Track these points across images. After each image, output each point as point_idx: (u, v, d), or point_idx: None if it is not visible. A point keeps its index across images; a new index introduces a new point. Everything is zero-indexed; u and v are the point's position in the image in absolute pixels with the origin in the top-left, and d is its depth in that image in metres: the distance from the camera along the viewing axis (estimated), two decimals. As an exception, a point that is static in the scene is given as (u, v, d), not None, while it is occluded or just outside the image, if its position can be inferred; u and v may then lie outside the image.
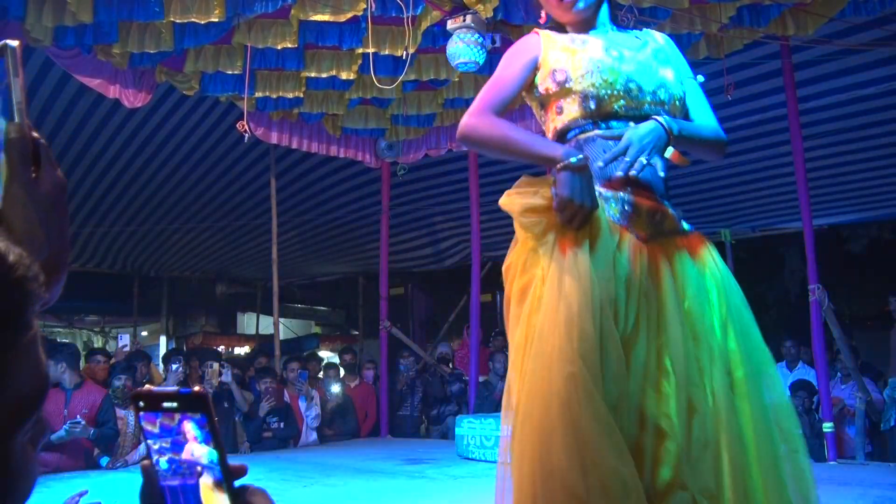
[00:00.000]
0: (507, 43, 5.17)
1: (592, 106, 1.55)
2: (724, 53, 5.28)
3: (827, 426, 5.19)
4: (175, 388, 0.61)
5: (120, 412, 5.51)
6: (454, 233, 9.85)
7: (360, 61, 5.55)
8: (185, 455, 0.61)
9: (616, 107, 1.55)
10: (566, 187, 1.42)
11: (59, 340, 8.02)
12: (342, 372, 7.93)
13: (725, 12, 4.77)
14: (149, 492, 0.64)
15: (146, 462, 0.64)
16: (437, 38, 5.22)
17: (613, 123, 1.56)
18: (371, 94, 6.11)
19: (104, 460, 5.34)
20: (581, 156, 1.45)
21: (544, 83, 1.62)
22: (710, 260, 1.60)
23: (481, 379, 7.09)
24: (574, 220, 1.42)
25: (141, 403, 0.61)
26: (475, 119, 1.58)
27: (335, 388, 7.37)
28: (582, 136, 1.58)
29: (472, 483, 4.55)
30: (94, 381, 5.57)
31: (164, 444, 0.61)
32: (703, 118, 1.68)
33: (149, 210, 8.67)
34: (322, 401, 7.08)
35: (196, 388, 0.60)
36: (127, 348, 6.87)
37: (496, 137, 1.55)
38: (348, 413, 7.30)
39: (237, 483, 0.63)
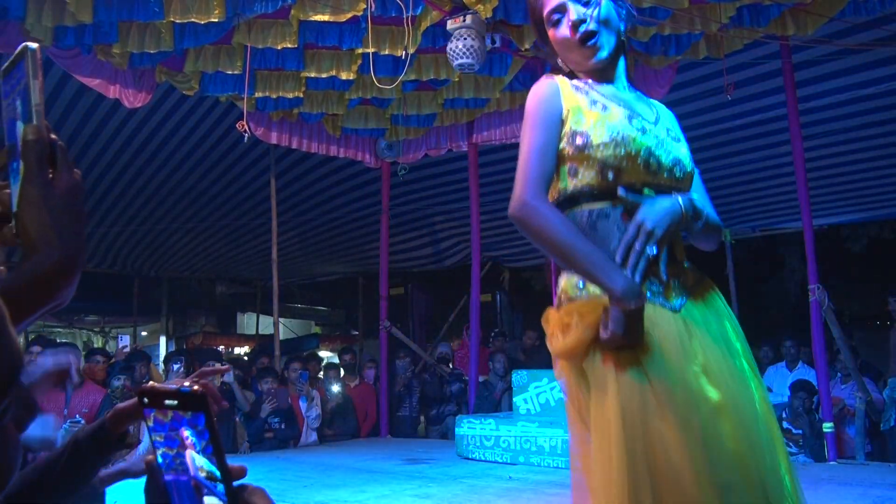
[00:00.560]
0: (507, 43, 5.17)
1: (611, 177, 1.51)
2: (724, 53, 5.27)
3: (827, 426, 5.19)
4: (176, 386, 0.61)
5: (119, 412, 5.51)
6: (454, 233, 9.85)
7: (360, 61, 5.55)
8: (186, 459, 0.61)
9: (634, 180, 1.52)
10: (619, 327, 1.39)
11: (58, 341, 8.03)
12: (342, 372, 7.93)
13: (725, 12, 4.77)
14: (153, 487, 0.65)
15: (150, 458, 0.64)
16: (437, 38, 5.22)
17: (628, 196, 1.52)
18: (371, 94, 6.11)
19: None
20: (638, 295, 1.41)
21: (562, 142, 1.56)
22: (721, 304, 1.63)
23: (481, 379, 7.09)
24: (620, 348, 1.43)
25: (145, 400, 0.61)
26: (534, 203, 1.49)
27: (335, 389, 7.37)
28: (595, 208, 1.54)
29: (472, 483, 4.55)
30: (92, 381, 5.58)
31: (165, 440, 0.62)
32: (702, 201, 1.66)
33: (149, 210, 8.68)
34: (322, 401, 7.08)
35: (195, 388, 0.60)
36: (127, 349, 6.88)
37: (555, 239, 1.48)
38: (348, 413, 7.30)
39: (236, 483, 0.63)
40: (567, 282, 1.57)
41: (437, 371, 7.92)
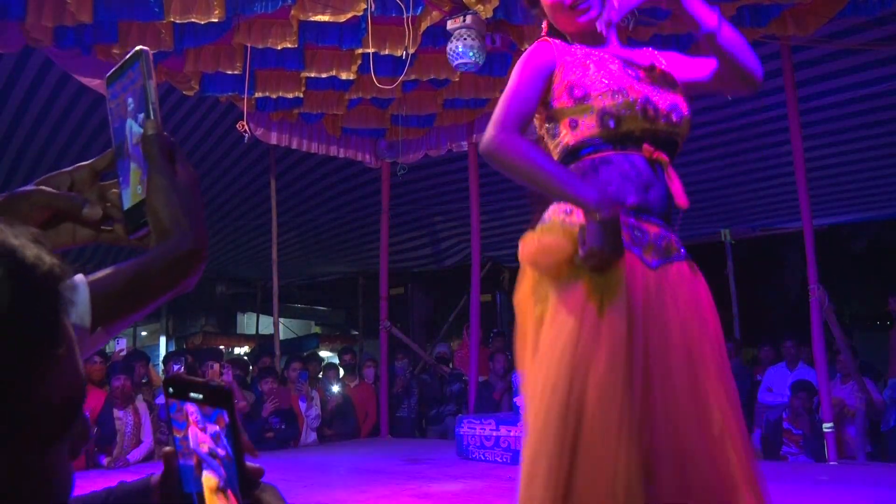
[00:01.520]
0: (508, 43, 5.17)
1: (612, 125, 1.53)
2: (724, 53, 5.27)
3: (827, 426, 5.19)
4: (204, 379, 0.61)
5: (118, 412, 5.52)
6: (454, 233, 9.85)
7: (360, 61, 5.54)
8: (192, 443, 0.61)
9: (633, 127, 1.54)
10: (597, 238, 1.40)
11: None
12: (342, 372, 7.93)
13: (725, 12, 4.77)
14: (168, 481, 0.65)
15: (169, 450, 0.65)
16: (437, 38, 5.21)
17: (629, 141, 1.55)
18: (371, 94, 6.11)
19: (102, 459, 5.37)
20: (613, 204, 1.43)
21: (559, 97, 1.58)
22: (703, 289, 1.60)
23: (481, 379, 7.09)
24: (598, 267, 1.42)
25: (171, 390, 0.61)
26: (502, 136, 1.50)
27: (335, 389, 7.37)
28: (597, 156, 1.55)
29: (472, 483, 4.55)
30: (91, 383, 5.59)
31: (173, 420, 0.62)
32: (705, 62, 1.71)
33: (149, 210, 8.66)
34: (322, 401, 7.08)
35: (222, 383, 0.60)
36: (124, 352, 6.88)
37: (526, 164, 1.49)
38: (348, 413, 7.30)
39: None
40: (553, 210, 1.58)
41: (436, 371, 7.92)
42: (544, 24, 1.73)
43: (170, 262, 0.68)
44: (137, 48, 0.72)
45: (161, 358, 9.73)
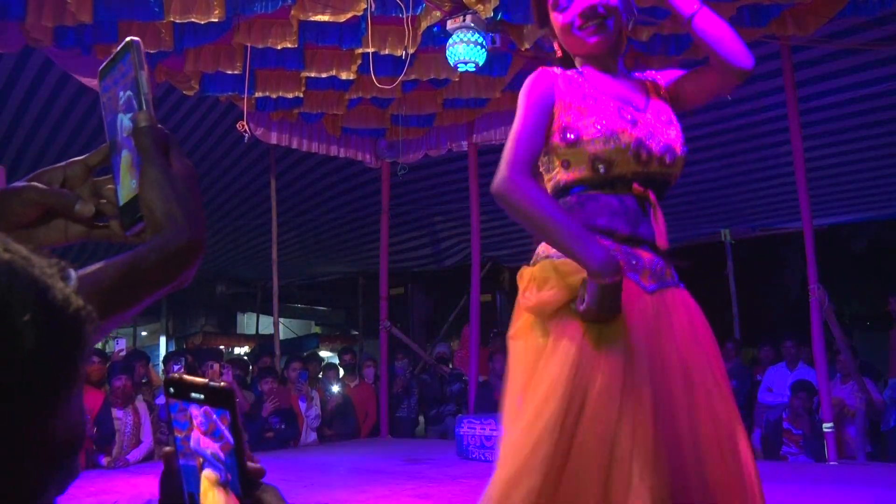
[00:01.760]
0: (507, 43, 5.17)
1: (602, 170, 1.55)
2: (724, 53, 5.27)
3: (827, 426, 5.19)
4: (206, 379, 0.61)
5: (117, 412, 5.52)
6: (454, 233, 9.85)
7: (360, 61, 5.54)
8: (194, 444, 0.61)
9: (625, 170, 1.55)
10: (597, 301, 1.41)
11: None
12: (342, 372, 7.93)
13: (725, 12, 4.77)
14: (168, 480, 0.65)
15: (169, 450, 0.64)
16: (437, 38, 5.21)
17: (619, 183, 1.56)
18: (371, 94, 6.11)
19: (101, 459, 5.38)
20: (615, 270, 1.42)
21: (554, 136, 1.60)
22: (697, 313, 1.61)
23: (481, 379, 7.09)
24: (595, 322, 1.45)
25: (171, 390, 0.61)
26: (514, 178, 1.51)
27: (335, 389, 7.37)
28: (585, 195, 1.58)
29: (472, 483, 4.55)
30: (90, 384, 5.58)
31: (175, 421, 0.62)
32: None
33: (149, 210, 8.67)
34: (322, 401, 7.08)
35: (223, 383, 0.59)
36: (123, 353, 6.89)
37: (535, 211, 1.49)
38: (348, 413, 7.30)
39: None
40: (545, 245, 1.59)
41: (436, 371, 7.92)
42: (556, 46, 1.72)
43: (164, 257, 0.66)
44: (128, 39, 0.70)
45: (161, 358, 9.73)
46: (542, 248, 1.60)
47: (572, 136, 1.56)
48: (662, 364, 1.47)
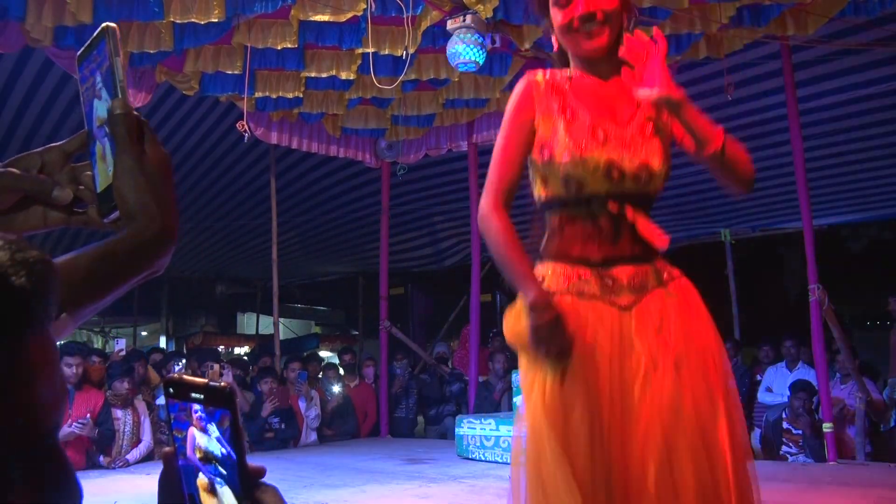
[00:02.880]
0: (507, 43, 5.17)
1: (573, 189, 1.58)
2: (724, 53, 5.27)
3: (827, 426, 5.19)
4: (205, 380, 0.61)
5: (117, 412, 5.52)
6: (454, 233, 9.85)
7: (359, 61, 5.54)
8: (192, 446, 0.61)
9: (597, 188, 1.57)
10: (531, 339, 1.50)
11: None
12: (342, 372, 7.93)
13: (725, 12, 4.77)
14: (167, 480, 0.65)
15: (168, 450, 0.64)
16: (437, 38, 5.21)
17: (594, 201, 1.59)
18: (371, 94, 6.11)
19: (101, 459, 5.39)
20: (545, 308, 1.49)
21: (534, 150, 1.63)
22: (696, 304, 1.62)
23: (481, 379, 7.09)
24: (546, 358, 1.52)
25: (171, 390, 0.61)
26: (486, 212, 1.62)
27: (335, 389, 7.37)
28: (564, 213, 1.62)
29: (472, 483, 4.55)
30: (90, 384, 5.59)
31: (175, 420, 0.61)
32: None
33: (148, 210, 8.66)
34: (322, 401, 7.08)
35: (223, 384, 0.59)
36: (123, 353, 6.89)
37: (497, 245, 1.61)
38: (348, 413, 7.30)
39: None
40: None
41: (436, 371, 7.92)
42: (554, 40, 1.72)
43: (135, 246, 0.66)
44: (104, 25, 0.70)
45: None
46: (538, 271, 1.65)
47: (547, 154, 1.59)
48: (622, 385, 1.51)
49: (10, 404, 0.46)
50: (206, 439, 0.60)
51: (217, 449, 0.59)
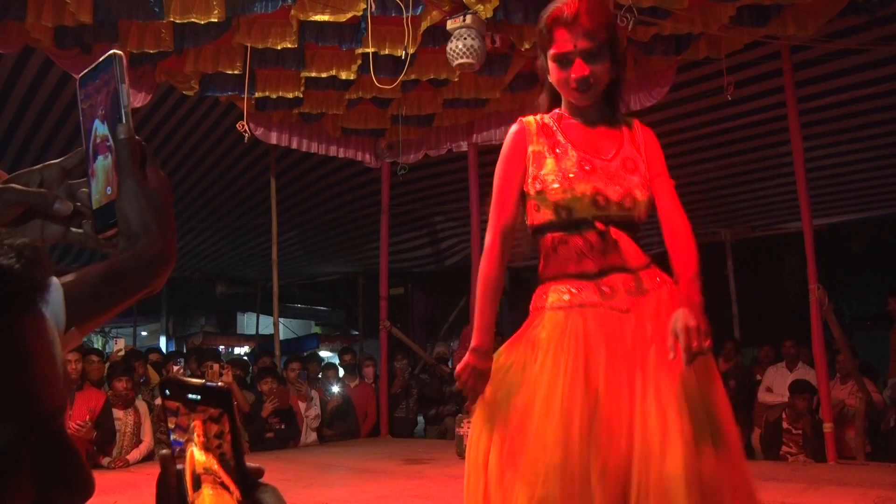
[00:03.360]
0: (508, 43, 5.17)
1: (563, 215, 1.78)
2: (724, 53, 5.27)
3: (827, 426, 5.19)
4: (201, 380, 0.61)
5: (118, 412, 5.52)
6: (454, 233, 9.85)
7: (360, 61, 5.54)
8: (187, 454, 0.61)
9: (585, 214, 1.77)
10: (462, 370, 1.79)
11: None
12: (342, 372, 7.93)
13: (725, 12, 4.77)
14: (165, 483, 0.65)
15: (166, 452, 0.64)
16: (437, 38, 5.21)
17: (583, 225, 1.77)
18: (371, 94, 6.11)
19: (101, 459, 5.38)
20: (482, 357, 1.77)
21: (527, 183, 1.84)
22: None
23: (481, 379, 7.08)
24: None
25: (167, 391, 0.61)
26: (486, 251, 1.85)
27: (335, 389, 7.37)
28: (556, 236, 1.80)
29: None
30: (90, 384, 5.59)
31: (177, 426, 0.61)
32: (672, 214, 1.83)
33: (148, 210, 8.66)
34: (322, 401, 7.08)
35: (220, 384, 0.59)
36: (122, 353, 6.89)
37: (478, 287, 1.85)
38: (348, 413, 7.30)
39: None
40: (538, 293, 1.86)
41: (436, 371, 7.92)
42: (548, 77, 1.90)
43: (141, 265, 0.70)
44: (111, 52, 0.72)
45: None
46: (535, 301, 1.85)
47: (538, 186, 1.80)
48: (631, 378, 1.66)
49: (5, 382, 0.47)
50: (202, 455, 0.60)
51: (216, 450, 0.59)
